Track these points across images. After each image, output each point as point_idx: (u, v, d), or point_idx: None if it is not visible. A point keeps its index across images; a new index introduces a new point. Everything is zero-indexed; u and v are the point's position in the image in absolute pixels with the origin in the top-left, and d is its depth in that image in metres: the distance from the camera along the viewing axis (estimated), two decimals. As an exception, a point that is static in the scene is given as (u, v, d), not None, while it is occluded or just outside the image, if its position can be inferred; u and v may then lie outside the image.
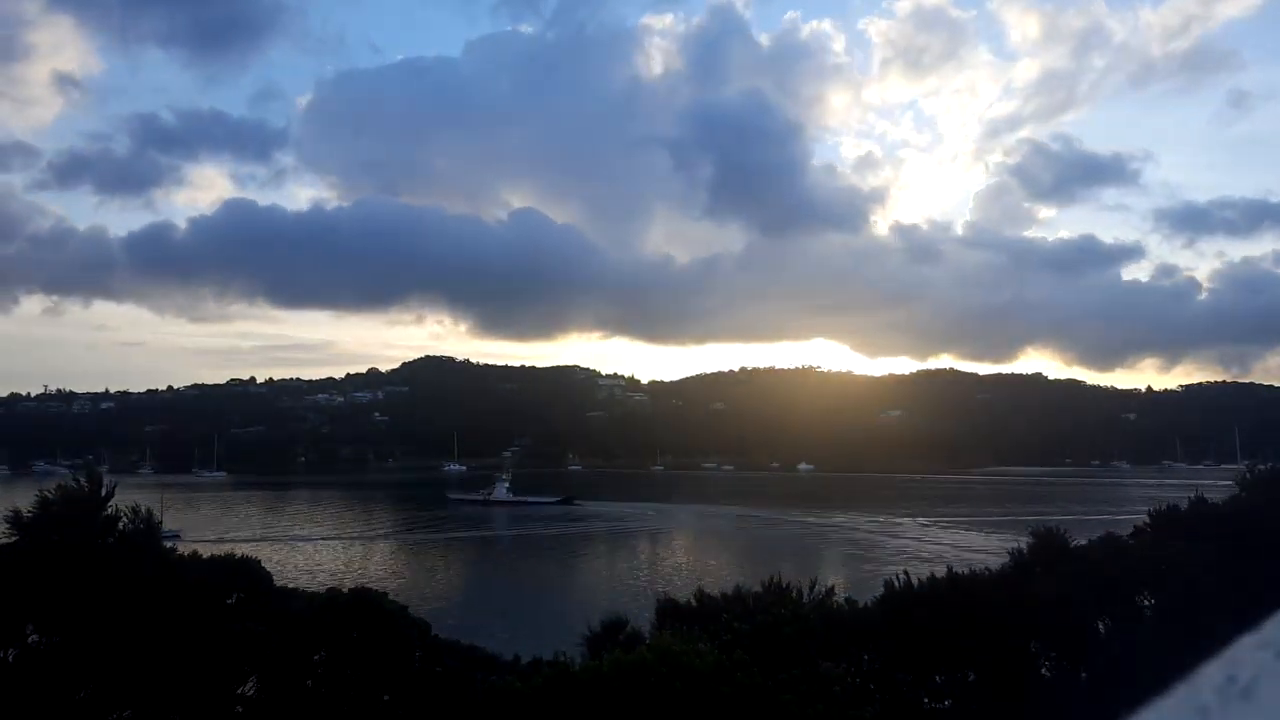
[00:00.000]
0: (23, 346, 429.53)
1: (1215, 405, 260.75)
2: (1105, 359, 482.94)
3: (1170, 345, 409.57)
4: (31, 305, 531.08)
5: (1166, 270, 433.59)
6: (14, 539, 13.72)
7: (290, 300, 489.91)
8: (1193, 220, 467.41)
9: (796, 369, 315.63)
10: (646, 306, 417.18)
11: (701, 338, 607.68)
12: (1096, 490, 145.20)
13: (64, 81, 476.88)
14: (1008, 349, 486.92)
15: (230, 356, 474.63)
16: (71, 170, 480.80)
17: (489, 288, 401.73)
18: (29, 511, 13.96)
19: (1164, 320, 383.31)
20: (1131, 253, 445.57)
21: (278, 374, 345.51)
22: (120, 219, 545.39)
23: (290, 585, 20.99)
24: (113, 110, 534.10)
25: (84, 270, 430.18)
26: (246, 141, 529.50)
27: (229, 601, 14.93)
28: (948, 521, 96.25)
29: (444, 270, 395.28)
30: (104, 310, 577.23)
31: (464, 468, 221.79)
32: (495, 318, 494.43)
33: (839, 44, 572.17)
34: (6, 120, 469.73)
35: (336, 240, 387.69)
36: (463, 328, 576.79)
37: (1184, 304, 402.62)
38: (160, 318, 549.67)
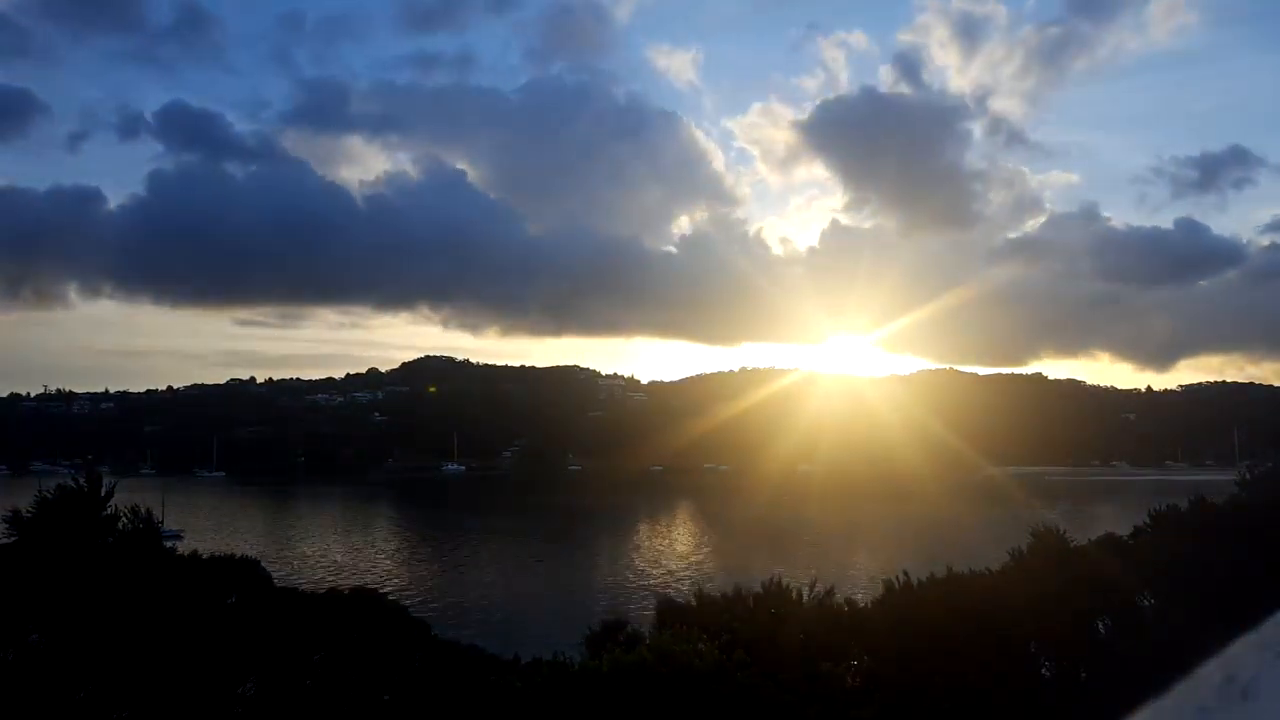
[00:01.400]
0: (22, 345, 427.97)
1: (1215, 405, 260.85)
2: (1167, 359, 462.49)
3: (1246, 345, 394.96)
4: (32, 301, 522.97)
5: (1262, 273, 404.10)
6: (13, 539, 13.71)
7: (292, 298, 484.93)
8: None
9: (796, 369, 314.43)
10: (668, 303, 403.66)
11: (720, 339, 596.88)
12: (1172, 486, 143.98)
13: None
14: (1076, 349, 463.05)
15: (230, 356, 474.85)
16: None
17: (513, 287, 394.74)
18: (28, 511, 13.96)
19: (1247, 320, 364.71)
20: (1229, 255, 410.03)
21: (277, 374, 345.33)
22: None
23: (290, 585, 21.01)
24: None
25: (84, 262, 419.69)
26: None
27: (229, 601, 14.93)
28: None
29: (455, 266, 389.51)
30: (104, 308, 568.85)
31: (462, 467, 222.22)
32: (509, 317, 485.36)
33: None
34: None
35: (340, 235, 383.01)
36: (466, 326, 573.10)
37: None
38: (161, 316, 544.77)
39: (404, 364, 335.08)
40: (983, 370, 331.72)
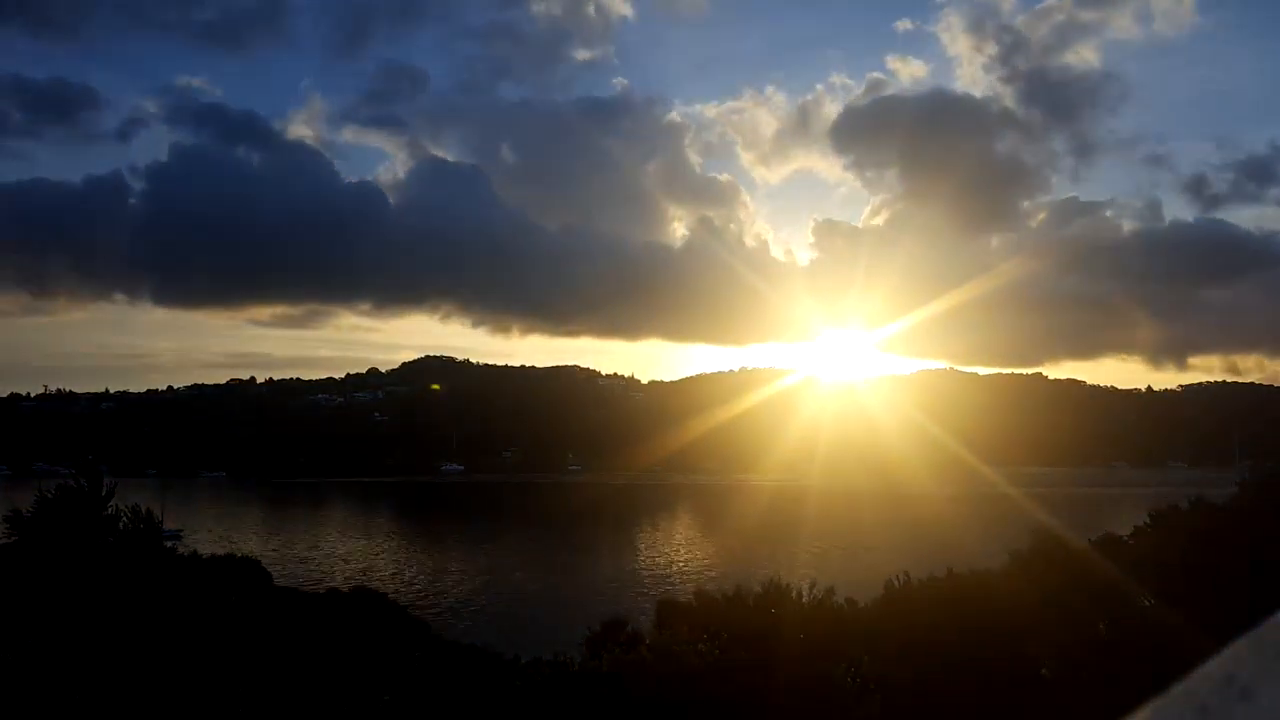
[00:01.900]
0: (23, 345, 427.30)
1: (1216, 405, 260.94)
2: (1181, 358, 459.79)
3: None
4: (27, 300, 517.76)
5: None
6: (14, 539, 13.72)
7: (292, 297, 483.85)
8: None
9: (795, 370, 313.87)
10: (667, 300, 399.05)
11: (721, 339, 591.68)
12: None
13: None
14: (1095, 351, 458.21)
15: (232, 357, 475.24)
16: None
17: (515, 286, 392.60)
18: (29, 511, 13.96)
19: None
20: (1253, 253, 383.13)
21: (277, 374, 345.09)
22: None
23: (290, 585, 21.05)
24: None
25: (81, 260, 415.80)
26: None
27: (229, 601, 14.93)
28: None
29: (457, 265, 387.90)
30: (104, 308, 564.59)
31: (462, 467, 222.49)
32: (511, 316, 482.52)
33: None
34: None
35: (343, 234, 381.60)
36: (466, 324, 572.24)
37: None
38: (161, 315, 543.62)
39: (404, 364, 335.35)
40: (984, 370, 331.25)
